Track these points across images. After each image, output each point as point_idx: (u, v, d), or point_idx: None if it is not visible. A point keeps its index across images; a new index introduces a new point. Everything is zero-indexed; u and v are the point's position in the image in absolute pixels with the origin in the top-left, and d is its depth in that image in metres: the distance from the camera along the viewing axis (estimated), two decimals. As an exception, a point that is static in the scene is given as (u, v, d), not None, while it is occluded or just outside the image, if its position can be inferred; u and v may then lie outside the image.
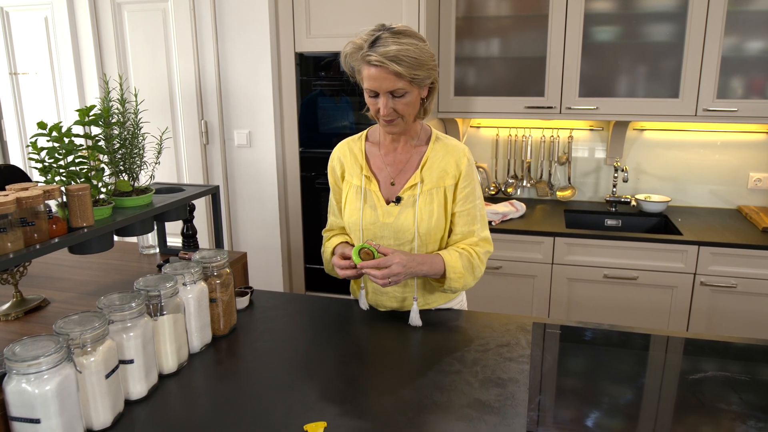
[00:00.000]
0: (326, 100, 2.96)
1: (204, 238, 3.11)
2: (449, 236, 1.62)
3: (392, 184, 1.60)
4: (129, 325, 1.27)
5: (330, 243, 1.70)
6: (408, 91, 1.43)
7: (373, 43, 1.39)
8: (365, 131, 1.69)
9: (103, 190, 1.51)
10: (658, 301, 2.63)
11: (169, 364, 1.41)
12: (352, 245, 1.64)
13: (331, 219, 1.77)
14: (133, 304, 1.27)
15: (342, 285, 3.19)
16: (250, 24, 2.87)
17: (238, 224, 3.17)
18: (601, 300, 2.70)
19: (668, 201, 2.96)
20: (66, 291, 1.68)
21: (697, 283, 2.57)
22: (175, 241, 2.37)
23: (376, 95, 1.45)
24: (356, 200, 1.61)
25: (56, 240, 1.31)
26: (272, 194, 3.08)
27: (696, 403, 1.25)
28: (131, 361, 1.27)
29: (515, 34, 2.91)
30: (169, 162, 3.15)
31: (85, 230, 1.37)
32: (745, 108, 2.62)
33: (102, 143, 1.50)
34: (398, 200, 1.57)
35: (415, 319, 1.62)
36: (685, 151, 3.06)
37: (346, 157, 1.66)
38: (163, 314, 1.38)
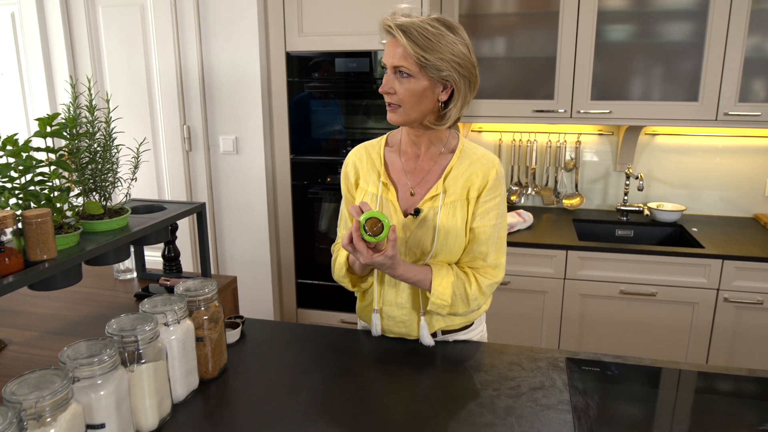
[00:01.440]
0: (318, 102, 2.74)
1: (187, 255, 2.88)
2: None
3: (412, 194, 1.41)
4: (100, 382, 1.04)
5: (343, 254, 1.49)
6: (413, 76, 1.27)
7: (405, 16, 1.26)
8: (385, 135, 1.51)
9: (69, 213, 1.28)
10: (677, 319, 2.46)
11: (149, 422, 1.18)
12: None
13: (343, 233, 1.56)
14: (105, 356, 1.05)
15: (336, 301, 3.00)
16: (237, 21, 2.64)
17: (225, 237, 2.94)
18: (617, 317, 2.52)
19: (683, 210, 2.79)
20: (27, 329, 1.44)
21: (720, 300, 2.40)
22: (155, 257, 2.14)
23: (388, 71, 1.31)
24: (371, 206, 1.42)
25: (10, 279, 1.08)
26: (261, 205, 2.86)
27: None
28: (102, 426, 1.05)
29: (523, 33, 2.72)
30: (148, 172, 2.91)
31: (46, 264, 1.14)
32: (768, 112, 2.46)
33: (67, 158, 1.26)
34: (417, 212, 1.38)
35: (426, 338, 1.45)
36: (698, 157, 2.90)
37: (362, 162, 1.47)
38: (142, 363, 1.15)
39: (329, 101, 2.73)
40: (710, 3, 2.42)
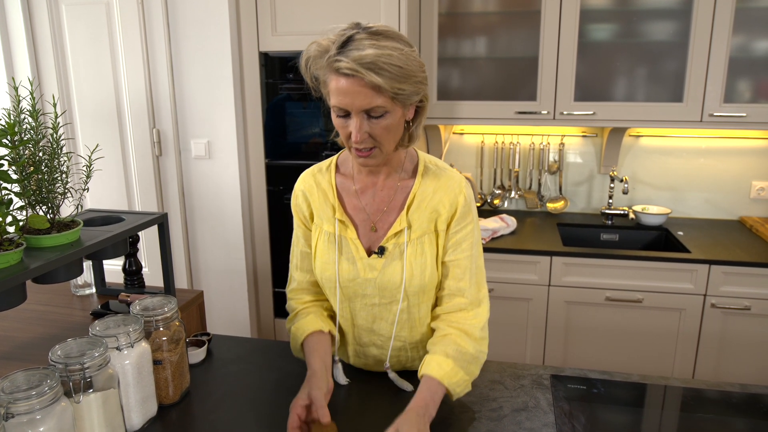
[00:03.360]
0: (295, 104, 2.64)
1: (156, 269, 2.75)
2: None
3: (374, 229, 1.25)
4: (39, 417, 0.94)
5: (301, 326, 1.29)
6: (388, 111, 1.08)
7: (344, 44, 1.05)
8: (334, 158, 1.32)
9: (11, 228, 1.17)
10: (664, 326, 2.40)
11: (99, 457, 1.08)
12: (323, 333, 1.28)
13: (298, 276, 1.36)
14: (45, 388, 0.94)
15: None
16: (208, 20, 2.53)
17: (197, 246, 2.83)
18: (603, 325, 2.45)
19: (669, 213, 2.74)
20: (-31, 353, 1.33)
21: (708, 305, 2.34)
22: (117, 267, 2.03)
23: (346, 115, 1.10)
24: (329, 251, 1.26)
25: (-64, 303, 0.97)
26: (235, 211, 2.75)
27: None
28: (41, 467, 0.95)
29: (504, 33, 2.64)
30: (116, 178, 2.79)
31: (-19, 286, 1.03)
32: (753, 113, 2.41)
33: (7, 168, 1.16)
34: (382, 251, 1.23)
35: (401, 385, 1.32)
36: (683, 159, 2.85)
37: (313, 194, 1.29)
38: (89, 393, 1.05)
39: (306, 103, 2.63)
40: (694, 2, 2.36)
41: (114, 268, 1.89)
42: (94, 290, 1.70)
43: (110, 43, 2.66)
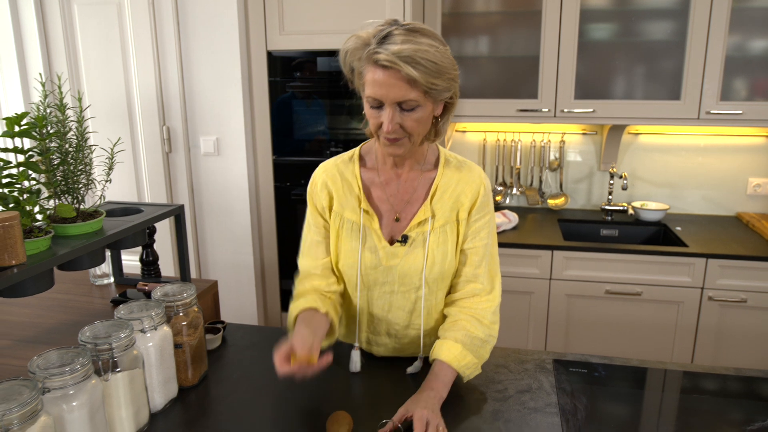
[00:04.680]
0: (301, 103, 2.70)
1: (168, 261, 2.81)
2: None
3: (397, 219, 1.31)
4: (72, 392, 1.00)
5: (298, 304, 1.32)
6: (420, 105, 1.13)
7: (384, 39, 1.10)
8: (356, 150, 1.36)
9: (40, 216, 1.23)
10: (662, 318, 2.46)
11: (125, 433, 1.14)
12: (318, 311, 1.29)
13: (306, 263, 1.39)
14: (77, 365, 1.00)
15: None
16: (217, 19, 2.60)
17: (206, 241, 2.88)
18: (603, 318, 2.51)
19: (667, 209, 2.80)
20: (-3, 337, 1.39)
21: (705, 298, 2.40)
22: (133, 262, 2.09)
23: (380, 106, 1.14)
24: (352, 239, 1.31)
25: (-25, 285, 1.03)
26: (243, 207, 2.81)
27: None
28: (75, 438, 1.00)
29: (506, 32, 2.70)
30: (127, 174, 2.85)
31: (15, 270, 1.09)
32: (750, 110, 2.47)
33: (37, 159, 1.22)
34: (405, 239, 1.28)
35: (414, 370, 1.38)
36: (681, 156, 2.91)
37: (336, 183, 1.33)
38: (117, 372, 1.11)
39: (312, 101, 2.69)
40: (691, 2, 2.42)
41: (128, 262, 1.94)
42: (112, 280, 1.76)
43: (121, 42, 2.72)
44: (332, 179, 1.34)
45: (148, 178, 2.85)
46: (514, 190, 3.09)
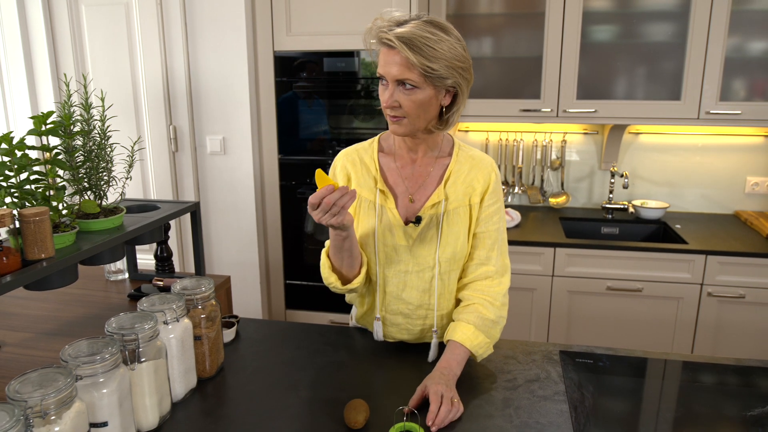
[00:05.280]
0: (307, 103, 2.74)
1: (175, 257, 2.85)
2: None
3: (411, 200, 1.38)
4: (102, 380, 1.04)
5: (325, 254, 1.40)
6: (419, 87, 1.21)
7: (399, 25, 1.20)
8: (376, 137, 1.46)
9: (65, 212, 1.27)
10: (662, 314, 2.51)
11: (149, 420, 1.18)
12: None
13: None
14: (106, 354, 1.04)
15: (325, 302, 3.00)
16: (224, 19, 2.64)
17: (212, 239, 2.92)
18: (604, 313, 2.56)
19: (667, 207, 2.85)
20: (21, 330, 1.42)
21: (704, 294, 2.45)
22: (145, 259, 2.12)
23: (387, 83, 1.24)
24: (369, 216, 1.39)
25: (8, 278, 1.07)
26: (249, 205, 2.85)
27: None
28: (105, 424, 1.04)
29: (509, 33, 2.75)
30: (134, 173, 2.88)
31: (44, 263, 1.13)
32: (748, 111, 2.52)
33: (63, 156, 1.25)
34: (418, 220, 1.36)
35: (434, 355, 1.42)
36: (680, 155, 2.96)
37: (356, 166, 1.41)
38: (142, 361, 1.15)
39: (318, 101, 2.73)
40: (692, 4, 2.47)
41: (140, 260, 1.98)
42: (127, 275, 1.80)
43: (129, 42, 2.75)
44: (351, 162, 1.42)
45: (155, 177, 2.88)
46: (516, 189, 3.14)
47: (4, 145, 1.17)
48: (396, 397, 1.26)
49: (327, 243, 1.40)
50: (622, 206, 2.94)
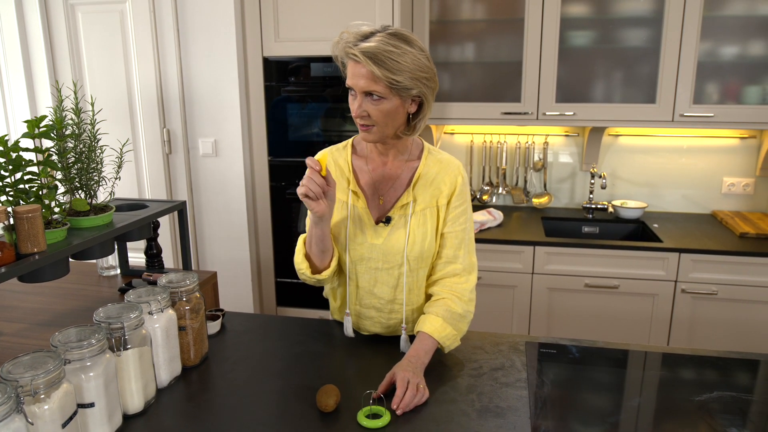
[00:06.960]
0: (296, 106, 2.83)
1: (168, 254, 2.94)
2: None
3: (381, 202, 1.47)
4: (89, 364, 1.12)
5: (300, 241, 1.49)
6: (386, 98, 1.29)
7: (364, 38, 1.28)
8: (350, 140, 1.54)
9: (57, 210, 1.36)
10: (639, 310, 2.59)
11: (135, 404, 1.26)
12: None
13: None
14: (93, 340, 1.13)
15: (314, 299, 3.08)
16: (215, 26, 2.73)
17: (204, 238, 3.01)
18: (582, 310, 2.64)
19: (645, 207, 2.94)
20: (16, 321, 1.51)
21: (678, 291, 2.54)
22: (137, 257, 2.21)
23: (355, 94, 1.32)
24: (342, 215, 1.47)
25: (2, 269, 1.15)
26: (240, 206, 2.94)
27: (708, 430, 1.18)
28: (92, 405, 1.13)
29: (491, 39, 2.84)
30: (129, 174, 2.97)
31: (36, 257, 1.22)
32: (721, 113, 2.61)
33: (55, 157, 1.34)
34: (388, 220, 1.44)
35: (405, 347, 1.51)
36: (659, 157, 3.05)
37: (330, 168, 1.49)
38: (128, 348, 1.24)
39: (306, 105, 2.82)
40: (665, 10, 2.57)
41: (131, 258, 2.07)
42: (118, 271, 1.88)
43: (123, 47, 2.84)
44: (327, 164, 1.49)
45: (149, 178, 2.97)
46: (500, 190, 3.22)
47: (-1, 148, 1.25)
48: (367, 384, 1.35)
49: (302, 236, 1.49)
50: (602, 206, 3.03)
